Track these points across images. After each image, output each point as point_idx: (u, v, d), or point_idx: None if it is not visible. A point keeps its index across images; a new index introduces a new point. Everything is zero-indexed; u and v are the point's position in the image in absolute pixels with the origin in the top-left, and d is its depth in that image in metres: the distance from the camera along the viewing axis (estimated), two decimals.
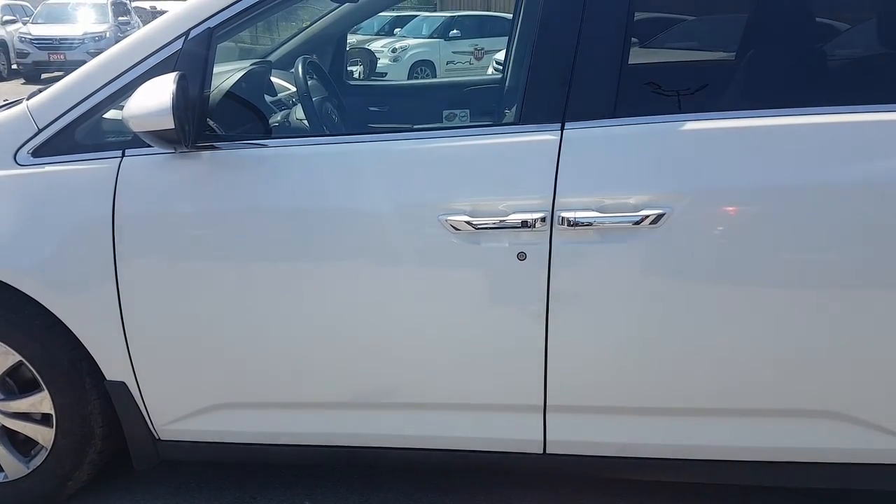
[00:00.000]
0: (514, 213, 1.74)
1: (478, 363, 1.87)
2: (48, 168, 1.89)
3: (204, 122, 1.85)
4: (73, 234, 1.86)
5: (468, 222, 1.75)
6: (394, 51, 13.68)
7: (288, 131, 2.30)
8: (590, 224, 1.72)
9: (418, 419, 1.95)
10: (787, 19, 2.13)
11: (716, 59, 2.92)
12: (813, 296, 1.72)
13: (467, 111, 2.68)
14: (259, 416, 1.99)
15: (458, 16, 14.92)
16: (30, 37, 15.36)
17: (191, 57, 1.83)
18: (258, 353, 1.91)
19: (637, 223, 1.71)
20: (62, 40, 15.43)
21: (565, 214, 1.72)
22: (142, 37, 1.90)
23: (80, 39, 15.51)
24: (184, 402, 1.98)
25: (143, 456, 2.06)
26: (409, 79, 13.15)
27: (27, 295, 1.90)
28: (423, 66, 13.69)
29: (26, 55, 15.29)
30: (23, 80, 15.42)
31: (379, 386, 1.92)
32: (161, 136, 1.70)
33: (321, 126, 2.27)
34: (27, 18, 17.02)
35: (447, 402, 1.92)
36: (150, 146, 1.80)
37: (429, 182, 1.80)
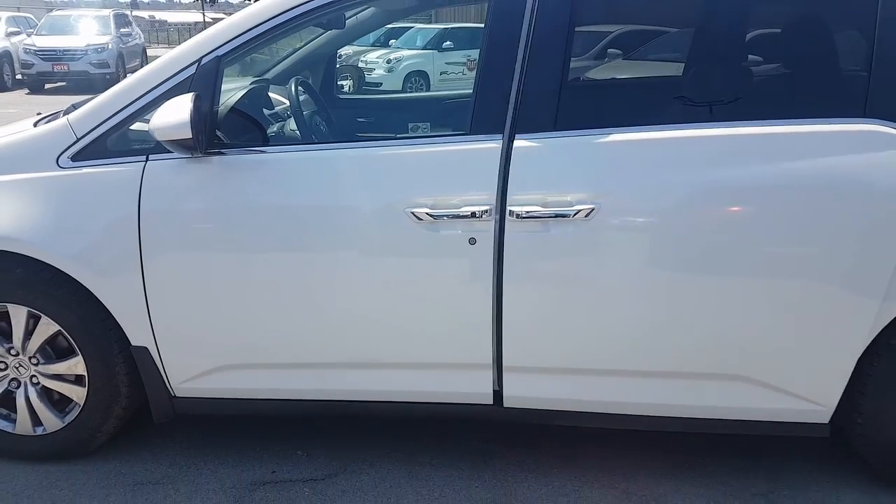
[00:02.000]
0: (465, 206, 2.15)
1: (440, 330, 2.27)
2: (85, 170, 2.30)
3: (213, 133, 2.26)
4: (106, 224, 2.27)
5: (429, 213, 2.16)
6: (388, 62, 14.06)
7: (283, 140, 2.71)
8: (532, 217, 2.12)
9: (393, 377, 2.35)
10: (710, 44, 2.55)
11: (640, 78, 3.31)
12: (718, 277, 2.12)
13: (428, 123, 3.10)
14: (258, 375, 2.39)
15: (452, 28, 15.29)
16: (34, 48, 15.79)
17: (203, 79, 2.25)
18: (257, 323, 2.31)
19: (573, 216, 2.11)
20: (65, 51, 15.87)
21: (512, 208, 2.13)
22: (162, 63, 2.31)
23: (83, 51, 15.95)
24: (196, 364, 2.39)
25: (161, 410, 2.46)
26: (403, 88, 13.57)
27: (67, 274, 2.30)
28: (416, 77, 14.07)
29: (31, 66, 15.71)
30: (27, 91, 15.86)
31: (360, 350, 2.33)
32: (181, 144, 2.12)
33: (310, 135, 2.68)
34: (31, 30, 17.45)
35: (416, 362, 2.32)
36: (170, 152, 2.22)
37: (397, 181, 2.21)
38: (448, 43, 14.51)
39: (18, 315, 2.40)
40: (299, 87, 2.77)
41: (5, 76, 16.33)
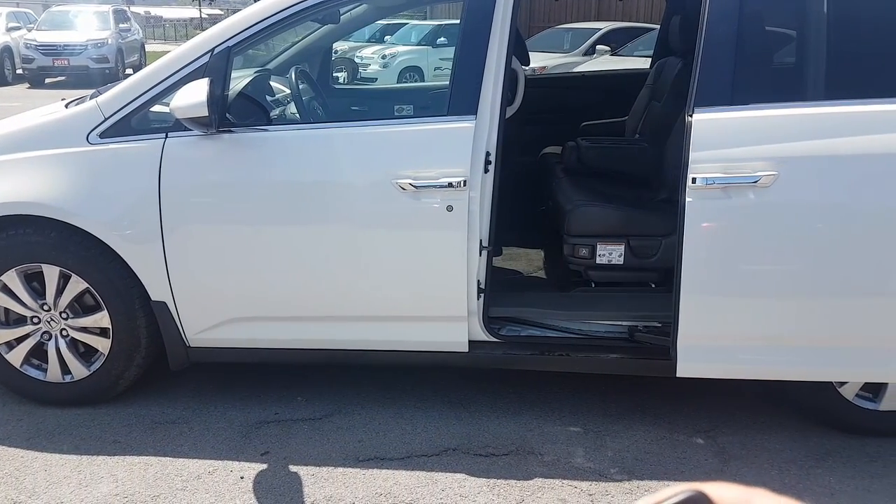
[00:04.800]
0: (443, 177, 2.49)
1: (422, 287, 2.60)
2: (112, 146, 2.63)
3: (224, 113, 2.58)
4: (131, 192, 2.60)
5: (411, 184, 2.49)
6: (384, 57, 14.37)
7: (283, 121, 3.04)
8: (713, 184, 2.26)
9: (382, 328, 2.69)
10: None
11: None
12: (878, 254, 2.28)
13: (412, 106, 3.45)
14: (263, 327, 2.72)
15: (446, 24, 15.56)
16: (35, 43, 16.03)
17: (215, 67, 2.58)
18: (262, 281, 2.64)
19: (755, 183, 2.25)
20: (66, 46, 16.12)
21: (694, 175, 2.27)
22: (179, 53, 2.65)
23: (83, 46, 16.20)
24: (209, 317, 2.72)
25: (177, 359, 2.79)
26: (398, 83, 13.88)
27: (95, 238, 2.63)
28: (411, 72, 14.35)
29: (31, 61, 15.96)
30: (27, 85, 16.11)
31: (351, 304, 2.66)
32: (198, 122, 2.45)
33: (308, 117, 3.01)
34: (31, 25, 17.70)
35: (402, 315, 2.66)
36: (187, 130, 2.54)
37: (384, 156, 2.54)
38: (442, 39, 14.76)
39: (51, 274, 2.73)
40: (299, 76, 3.09)
41: (6, 71, 16.55)
